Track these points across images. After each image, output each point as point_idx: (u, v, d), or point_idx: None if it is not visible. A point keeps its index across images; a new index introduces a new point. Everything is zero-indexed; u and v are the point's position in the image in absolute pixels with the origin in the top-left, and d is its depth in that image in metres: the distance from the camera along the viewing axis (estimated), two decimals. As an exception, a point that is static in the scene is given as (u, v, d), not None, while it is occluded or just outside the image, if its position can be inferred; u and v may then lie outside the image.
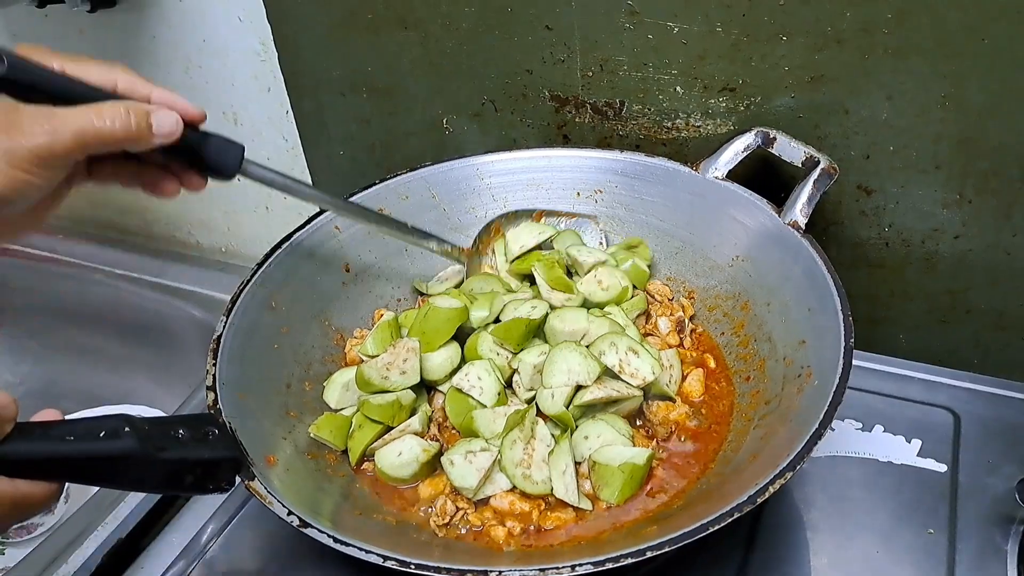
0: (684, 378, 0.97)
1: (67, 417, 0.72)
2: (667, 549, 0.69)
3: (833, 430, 0.75)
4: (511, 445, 0.87)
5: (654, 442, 0.92)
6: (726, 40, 1.00)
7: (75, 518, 1.01)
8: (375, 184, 1.10)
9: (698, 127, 1.08)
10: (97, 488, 1.02)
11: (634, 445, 0.90)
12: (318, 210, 1.06)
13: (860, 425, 1.01)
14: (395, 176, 1.11)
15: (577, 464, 0.89)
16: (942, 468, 0.97)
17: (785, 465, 0.73)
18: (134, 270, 1.47)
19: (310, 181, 1.38)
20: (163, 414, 1.33)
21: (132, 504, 1.01)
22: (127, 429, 0.70)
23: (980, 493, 0.94)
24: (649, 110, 1.09)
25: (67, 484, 0.86)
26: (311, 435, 0.92)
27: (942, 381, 1.06)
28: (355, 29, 1.18)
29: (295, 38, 1.22)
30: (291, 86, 1.27)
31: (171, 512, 1.02)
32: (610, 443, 0.89)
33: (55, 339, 1.52)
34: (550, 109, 1.15)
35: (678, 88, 1.06)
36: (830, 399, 0.78)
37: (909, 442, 0.99)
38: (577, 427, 0.90)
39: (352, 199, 1.08)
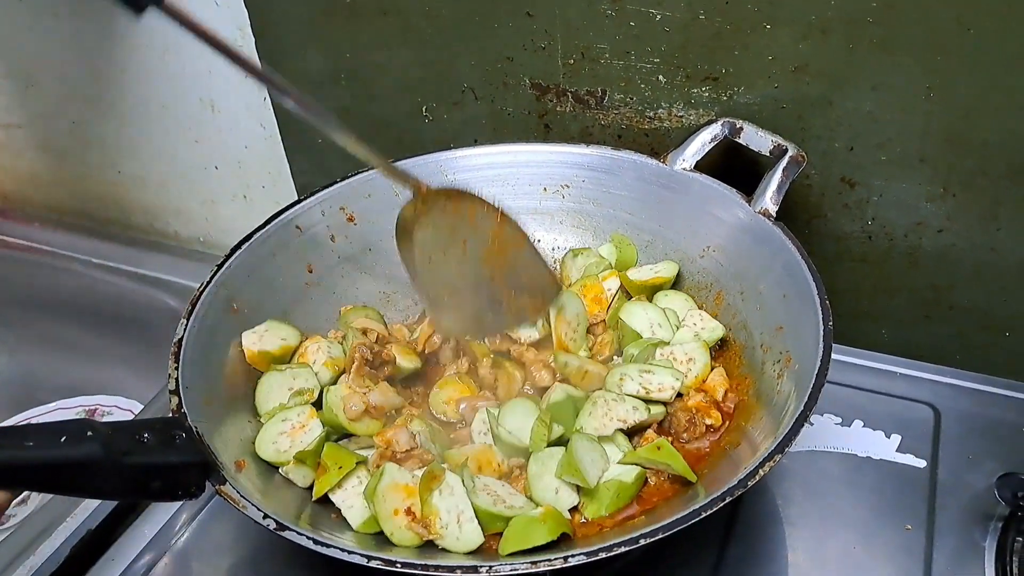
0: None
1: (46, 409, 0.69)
2: (660, 536, 0.68)
3: (812, 424, 0.74)
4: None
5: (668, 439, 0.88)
6: (709, 28, 0.99)
7: (44, 509, 1.00)
8: (337, 182, 1.07)
9: (680, 117, 1.07)
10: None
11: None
12: (279, 209, 1.05)
13: (839, 420, 1.01)
14: (357, 173, 1.08)
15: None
16: (921, 464, 0.96)
17: (774, 448, 0.73)
18: (111, 259, 1.46)
19: (289, 171, 1.36)
20: (139, 404, 1.32)
21: (103, 496, 1.00)
22: (89, 433, 0.67)
23: (959, 489, 0.93)
24: (631, 99, 1.08)
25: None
26: (282, 474, 0.89)
27: (923, 376, 1.06)
28: (334, 15, 1.16)
29: (273, 24, 1.21)
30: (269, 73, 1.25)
31: (141, 504, 1.00)
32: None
33: (31, 329, 1.50)
34: (531, 98, 1.13)
35: (660, 77, 1.05)
36: (813, 381, 0.77)
37: (889, 437, 0.99)
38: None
39: (313, 198, 1.06)
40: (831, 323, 0.82)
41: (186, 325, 0.90)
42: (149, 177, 1.50)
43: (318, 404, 0.94)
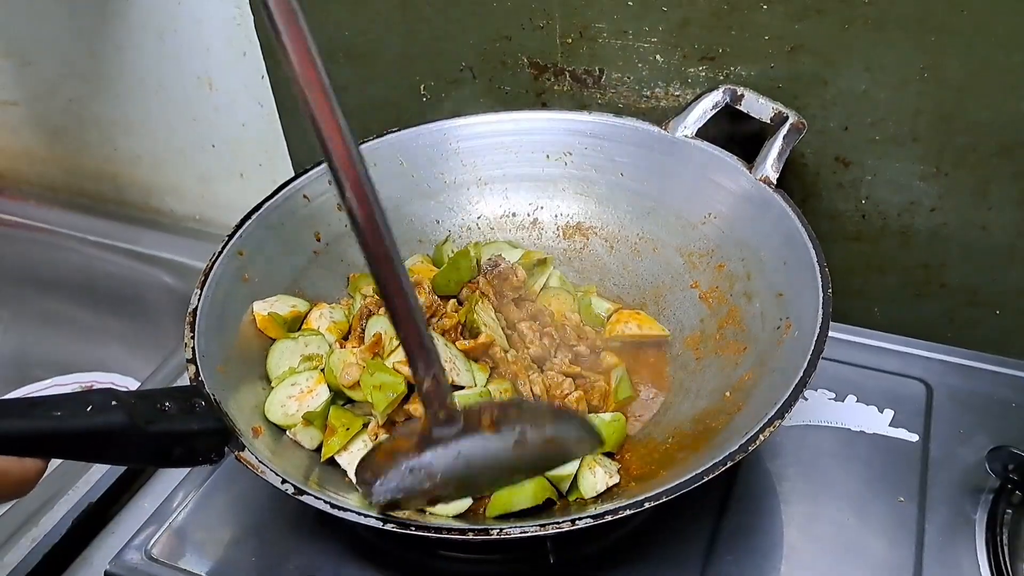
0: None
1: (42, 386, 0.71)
2: (664, 500, 0.69)
3: (806, 399, 0.75)
4: None
5: None
6: (707, 8, 1.00)
7: (45, 482, 0.99)
8: None
9: (677, 96, 1.08)
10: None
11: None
12: (287, 179, 1.05)
13: (833, 395, 1.02)
14: (362, 143, 1.08)
15: None
16: (914, 438, 0.97)
17: (774, 413, 0.74)
18: (107, 237, 1.46)
19: (286, 149, 1.37)
20: (136, 381, 1.32)
21: (104, 468, 1.00)
22: (114, 403, 0.68)
23: (951, 463, 0.94)
24: (628, 78, 1.09)
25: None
26: (290, 436, 0.90)
27: (915, 353, 1.07)
28: (333, -7, 1.16)
29: (272, 2, 1.20)
30: (267, 51, 1.26)
31: (143, 477, 1.01)
32: None
33: (26, 306, 1.50)
34: (529, 77, 1.14)
35: (658, 56, 1.06)
36: (812, 347, 0.78)
37: (882, 412, 1.00)
38: None
39: (320, 167, 1.05)
40: (830, 290, 0.83)
41: (200, 295, 0.91)
42: (145, 155, 1.50)
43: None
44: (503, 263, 1.01)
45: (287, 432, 0.89)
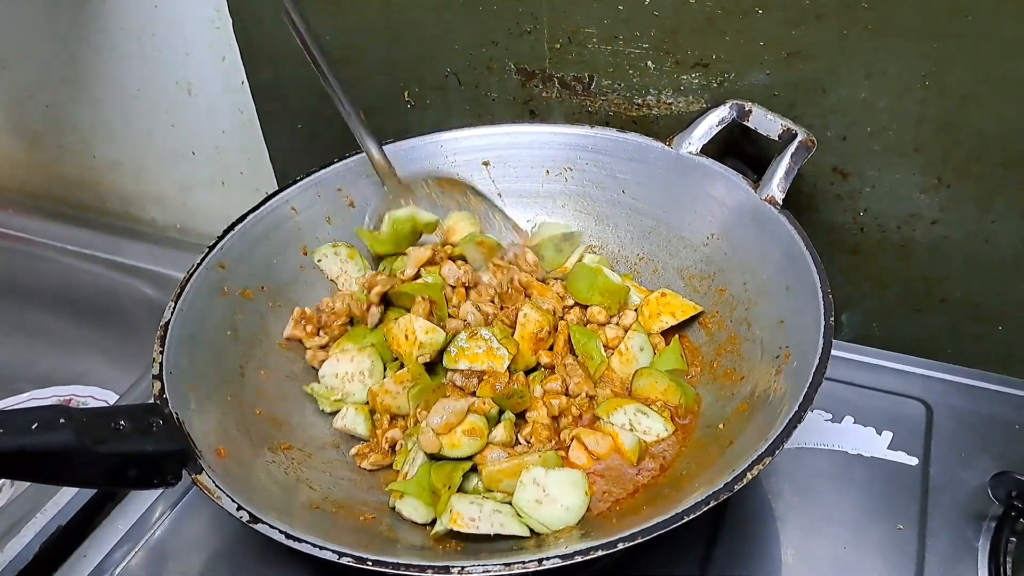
0: None
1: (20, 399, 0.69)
2: (639, 540, 0.67)
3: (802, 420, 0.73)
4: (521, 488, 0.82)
5: None
6: (700, 13, 0.97)
7: (13, 504, 0.97)
8: (334, 163, 1.06)
9: (670, 104, 1.05)
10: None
11: None
12: (273, 190, 1.03)
13: (830, 416, 0.99)
14: (355, 154, 1.06)
15: None
16: (913, 461, 0.95)
17: (764, 450, 0.71)
18: (87, 246, 1.44)
19: (268, 156, 1.34)
20: (115, 395, 1.30)
21: (75, 488, 0.97)
22: (62, 421, 0.66)
23: (952, 488, 0.92)
24: (619, 85, 1.06)
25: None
26: (391, 506, 0.85)
27: (915, 371, 1.05)
28: (314, -4, 1.13)
29: (251, 5, 1.18)
30: (247, 56, 1.23)
31: (117, 498, 0.98)
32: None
33: (4, 318, 1.48)
34: (516, 83, 1.11)
35: (649, 63, 1.03)
36: (809, 380, 0.75)
37: (880, 434, 0.98)
38: None
39: (309, 179, 1.04)
40: (832, 319, 0.80)
41: (174, 308, 0.88)
42: (125, 162, 1.48)
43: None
44: (515, 247, 1.02)
45: (394, 505, 0.85)
